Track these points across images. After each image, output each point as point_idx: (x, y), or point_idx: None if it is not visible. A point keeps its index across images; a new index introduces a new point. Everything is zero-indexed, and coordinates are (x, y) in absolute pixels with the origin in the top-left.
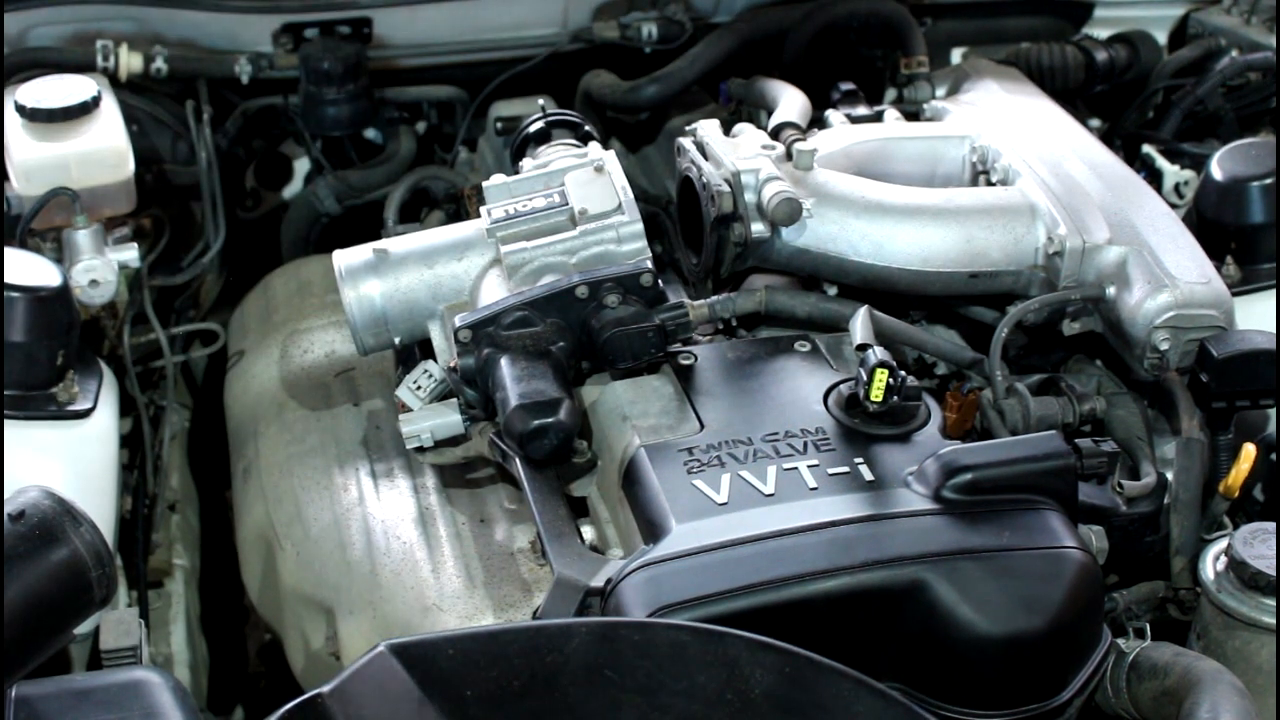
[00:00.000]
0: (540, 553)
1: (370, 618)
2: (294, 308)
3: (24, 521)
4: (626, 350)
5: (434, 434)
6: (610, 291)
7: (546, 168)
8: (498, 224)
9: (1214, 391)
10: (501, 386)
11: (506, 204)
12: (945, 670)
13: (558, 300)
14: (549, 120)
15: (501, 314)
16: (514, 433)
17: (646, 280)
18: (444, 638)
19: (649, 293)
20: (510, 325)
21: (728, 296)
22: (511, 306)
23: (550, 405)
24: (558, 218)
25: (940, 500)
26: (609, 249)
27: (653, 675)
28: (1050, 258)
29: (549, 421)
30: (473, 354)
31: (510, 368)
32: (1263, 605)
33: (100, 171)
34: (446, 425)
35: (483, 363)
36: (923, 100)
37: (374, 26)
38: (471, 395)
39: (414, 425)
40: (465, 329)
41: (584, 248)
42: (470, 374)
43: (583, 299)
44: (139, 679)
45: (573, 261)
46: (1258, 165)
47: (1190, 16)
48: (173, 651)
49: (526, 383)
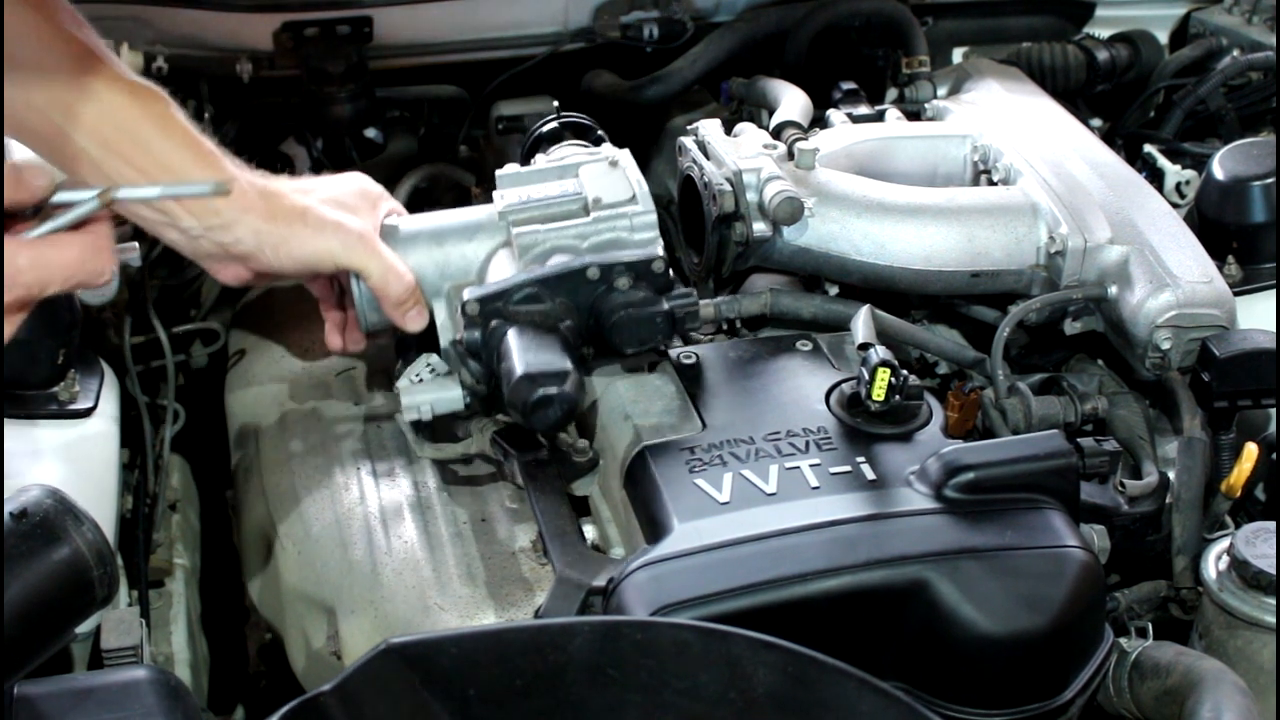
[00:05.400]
0: (542, 552)
1: (371, 617)
2: (294, 307)
3: (25, 520)
4: (634, 334)
5: (434, 408)
6: (621, 275)
7: (560, 162)
8: (511, 208)
9: (1216, 391)
10: (507, 357)
11: (520, 189)
12: (947, 669)
13: (569, 280)
14: (562, 121)
15: (511, 289)
16: (519, 401)
17: (658, 267)
18: (446, 637)
19: (660, 280)
20: (519, 301)
21: (733, 297)
22: (522, 283)
23: (557, 375)
24: (571, 205)
25: (942, 499)
26: (621, 236)
27: (655, 674)
28: (1052, 257)
29: (554, 392)
30: (479, 327)
31: (517, 339)
32: (1265, 605)
33: None
34: (447, 400)
35: (489, 336)
36: (924, 100)
37: (374, 26)
38: (475, 369)
39: (414, 397)
40: (474, 302)
41: (596, 234)
42: (475, 347)
43: (593, 280)
44: (140, 678)
45: (584, 246)
46: (1259, 165)
47: (1191, 16)
48: (173, 651)
49: (534, 353)
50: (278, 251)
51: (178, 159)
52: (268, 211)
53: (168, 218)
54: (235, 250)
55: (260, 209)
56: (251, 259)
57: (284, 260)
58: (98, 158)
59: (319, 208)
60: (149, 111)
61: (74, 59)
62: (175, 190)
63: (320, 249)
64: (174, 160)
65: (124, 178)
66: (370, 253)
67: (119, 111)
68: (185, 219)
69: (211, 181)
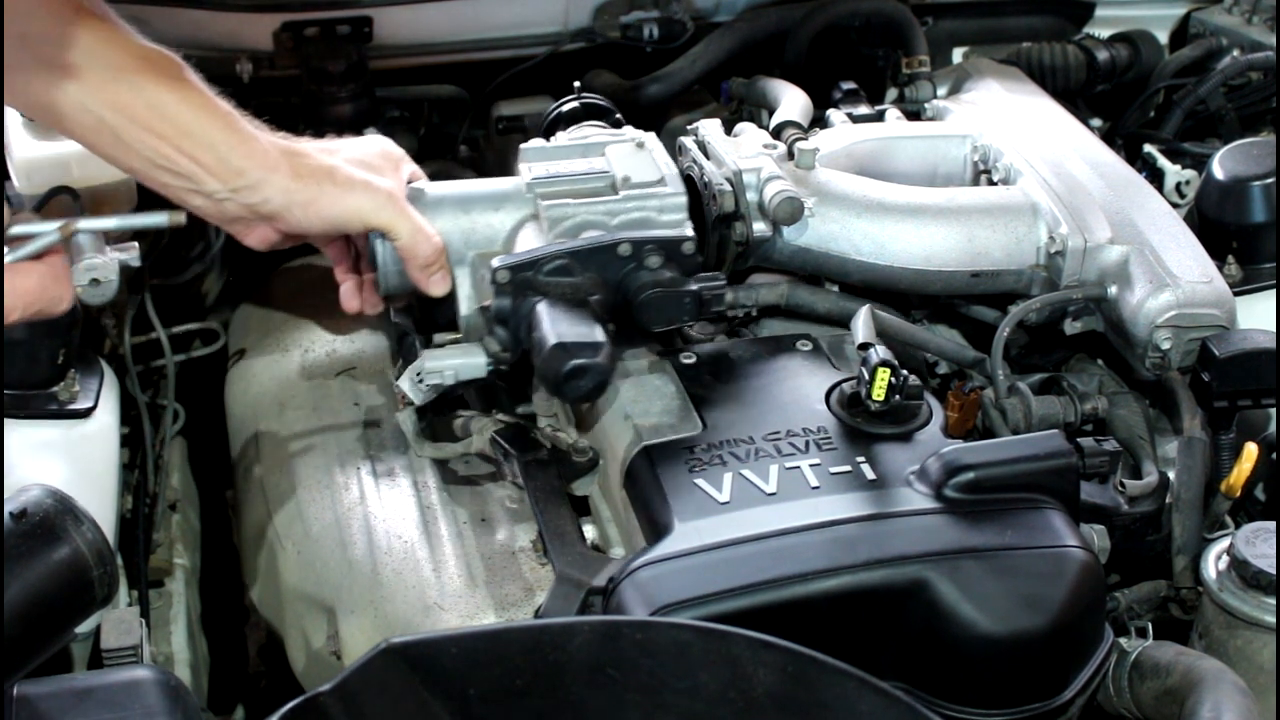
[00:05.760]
0: (542, 552)
1: (371, 617)
2: (294, 307)
3: (25, 520)
4: (661, 313)
5: (458, 373)
6: (653, 253)
7: (583, 140)
8: (539, 180)
9: (1216, 391)
10: (539, 326)
11: (546, 164)
12: (947, 669)
13: (599, 255)
14: (583, 101)
15: (543, 259)
16: (551, 371)
17: (688, 248)
18: (446, 637)
19: (688, 262)
20: (550, 272)
21: (751, 286)
22: (554, 254)
23: (592, 346)
24: (598, 183)
25: (942, 499)
26: (650, 216)
27: (655, 674)
28: (1052, 257)
29: (588, 362)
30: (508, 295)
31: (550, 309)
32: (1265, 604)
33: (101, 170)
34: (471, 366)
35: (518, 304)
36: (924, 99)
37: (374, 26)
38: (502, 336)
39: (439, 361)
40: (504, 270)
41: (625, 211)
42: (505, 314)
43: (624, 256)
44: (140, 678)
45: (613, 223)
46: (1259, 165)
47: (1191, 16)
48: (173, 651)
49: (567, 324)
50: (306, 211)
51: (196, 122)
52: (294, 171)
53: (192, 183)
54: (263, 211)
55: (286, 168)
56: (279, 219)
57: (313, 220)
58: (115, 125)
59: (346, 167)
60: (165, 76)
61: (85, 28)
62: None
63: (349, 208)
64: (193, 124)
65: (143, 144)
66: (399, 213)
67: (134, 77)
68: (210, 182)
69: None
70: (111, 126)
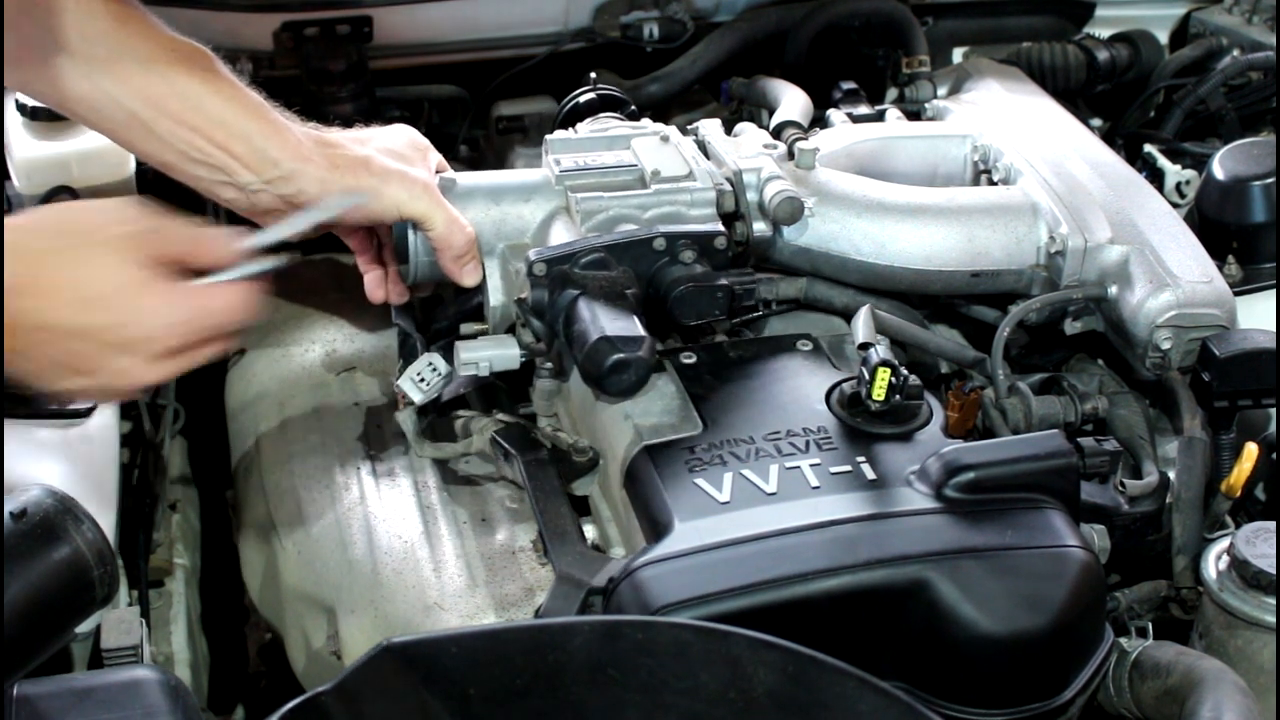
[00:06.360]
0: (542, 552)
1: (371, 617)
2: (296, 307)
3: (25, 519)
4: (694, 308)
5: (492, 364)
6: (686, 248)
7: (606, 133)
8: (569, 173)
9: (1216, 391)
10: (580, 320)
11: (574, 156)
12: (947, 669)
13: (634, 249)
14: (600, 93)
15: (580, 253)
16: (595, 365)
17: (720, 243)
18: (446, 636)
19: (720, 257)
20: (586, 265)
21: (771, 279)
22: (590, 247)
23: (635, 341)
24: (627, 176)
25: (942, 499)
26: (681, 210)
27: (655, 674)
28: (1052, 257)
29: (632, 356)
30: (544, 287)
31: (591, 304)
32: (1265, 604)
33: (101, 170)
34: (505, 357)
35: (555, 296)
36: (924, 99)
37: (374, 26)
38: (537, 327)
39: (473, 352)
40: (540, 262)
41: (656, 205)
42: (541, 307)
43: (658, 251)
44: (140, 678)
45: (645, 217)
46: (1259, 165)
47: (1191, 16)
48: (173, 651)
49: (609, 318)
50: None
51: (229, 114)
52: (329, 162)
53: (226, 175)
54: (298, 202)
55: (321, 159)
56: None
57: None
58: (147, 118)
59: (380, 157)
60: (196, 67)
61: (116, 20)
62: (314, 217)
63: (386, 198)
64: (225, 116)
65: (176, 136)
66: (435, 203)
67: (165, 69)
68: (243, 174)
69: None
70: (144, 120)
